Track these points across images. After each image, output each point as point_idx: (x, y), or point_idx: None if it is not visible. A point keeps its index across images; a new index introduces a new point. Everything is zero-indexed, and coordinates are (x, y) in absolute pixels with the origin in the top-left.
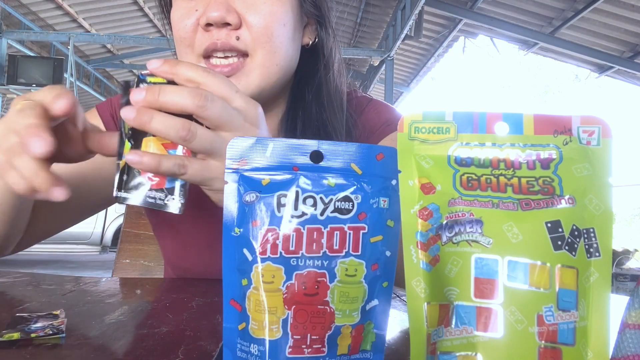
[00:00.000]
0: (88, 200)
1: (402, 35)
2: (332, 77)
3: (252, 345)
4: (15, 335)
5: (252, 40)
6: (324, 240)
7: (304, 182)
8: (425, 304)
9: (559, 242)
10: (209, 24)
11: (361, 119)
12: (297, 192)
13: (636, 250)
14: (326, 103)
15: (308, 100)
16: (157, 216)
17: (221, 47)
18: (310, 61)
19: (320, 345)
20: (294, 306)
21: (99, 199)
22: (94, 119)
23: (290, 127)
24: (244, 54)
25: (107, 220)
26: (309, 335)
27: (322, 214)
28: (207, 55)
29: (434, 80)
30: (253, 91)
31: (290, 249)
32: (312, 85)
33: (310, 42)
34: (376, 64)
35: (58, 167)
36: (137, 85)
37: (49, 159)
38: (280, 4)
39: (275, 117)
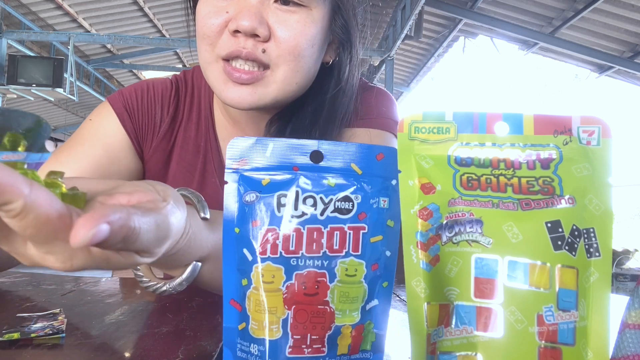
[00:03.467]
0: None
1: (402, 35)
2: (342, 102)
3: (252, 345)
4: (16, 335)
5: (277, 56)
6: (324, 240)
7: (304, 182)
8: (425, 304)
9: (559, 242)
10: (237, 31)
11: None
12: (297, 192)
13: (636, 250)
14: (322, 123)
15: (306, 112)
16: None
17: (245, 56)
18: (323, 78)
19: (320, 345)
20: (294, 306)
21: None
22: (107, 112)
23: (279, 128)
24: (266, 66)
25: None
26: (309, 335)
27: (322, 214)
28: (227, 58)
29: (434, 80)
30: (267, 102)
31: (290, 249)
32: (316, 101)
33: (331, 61)
34: (376, 64)
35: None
36: None
37: None
38: (313, 24)
39: (267, 114)
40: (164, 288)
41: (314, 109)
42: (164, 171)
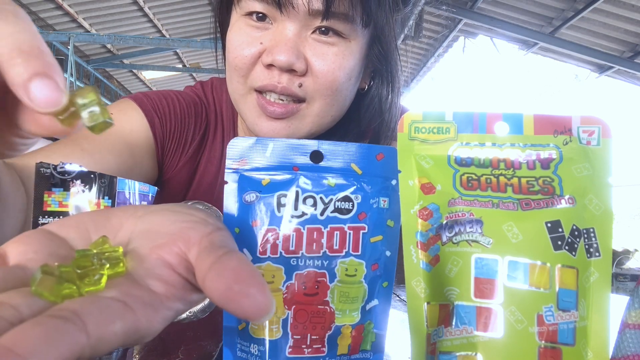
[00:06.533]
0: None
1: (402, 35)
2: (386, 135)
3: (252, 345)
4: None
5: (314, 90)
6: (324, 240)
7: (304, 182)
8: (425, 304)
9: (559, 242)
10: (272, 65)
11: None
12: (297, 192)
13: (636, 250)
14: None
15: (336, 138)
16: None
17: (280, 91)
18: (358, 102)
19: (320, 345)
20: (294, 306)
21: None
22: (132, 110)
23: None
24: (301, 99)
25: None
26: (309, 335)
27: (322, 214)
28: (260, 90)
29: (434, 80)
30: (302, 135)
31: (290, 249)
32: (353, 131)
33: (366, 87)
34: None
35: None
36: None
37: None
38: (351, 57)
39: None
40: (184, 315)
41: (349, 138)
42: (185, 191)
